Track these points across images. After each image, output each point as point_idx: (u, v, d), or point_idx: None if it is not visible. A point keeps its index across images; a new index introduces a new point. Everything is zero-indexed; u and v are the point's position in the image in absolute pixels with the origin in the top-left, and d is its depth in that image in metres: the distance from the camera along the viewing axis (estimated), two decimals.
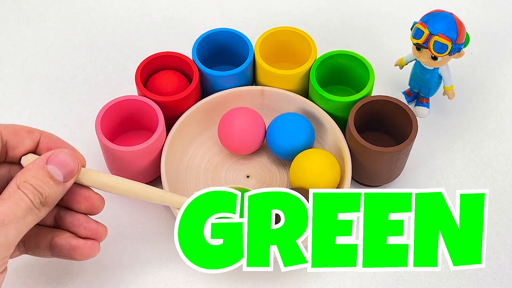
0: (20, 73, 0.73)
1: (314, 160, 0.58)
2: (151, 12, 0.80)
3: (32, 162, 0.45)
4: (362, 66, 0.63)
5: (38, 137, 0.47)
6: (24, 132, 0.46)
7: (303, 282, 0.58)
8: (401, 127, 0.60)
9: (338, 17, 0.79)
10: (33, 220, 0.43)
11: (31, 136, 0.46)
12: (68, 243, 0.47)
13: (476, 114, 0.70)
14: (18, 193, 0.42)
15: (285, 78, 0.63)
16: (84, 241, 0.48)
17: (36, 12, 0.79)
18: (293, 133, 0.60)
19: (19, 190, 0.43)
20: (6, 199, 0.42)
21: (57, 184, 0.44)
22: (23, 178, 0.43)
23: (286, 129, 0.60)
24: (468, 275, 0.58)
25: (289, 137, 0.60)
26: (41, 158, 0.45)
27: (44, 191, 0.44)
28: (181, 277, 0.58)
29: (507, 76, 0.73)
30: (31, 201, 0.43)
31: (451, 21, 0.59)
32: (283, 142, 0.60)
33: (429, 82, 0.66)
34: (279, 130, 0.61)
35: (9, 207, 0.42)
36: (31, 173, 0.44)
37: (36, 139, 0.47)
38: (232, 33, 0.66)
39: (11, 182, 0.44)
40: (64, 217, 0.48)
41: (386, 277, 0.58)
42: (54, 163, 0.44)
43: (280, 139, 0.60)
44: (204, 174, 0.63)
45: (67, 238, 0.47)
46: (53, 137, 0.48)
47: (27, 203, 0.42)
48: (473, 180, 0.65)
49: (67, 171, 0.45)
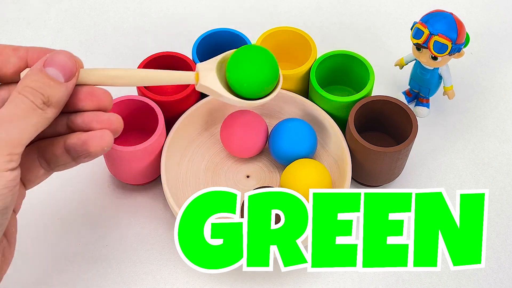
0: None
1: (303, 173, 0.58)
2: (151, 12, 0.80)
3: (30, 69, 0.44)
4: (362, 66, 0.63)
5: (24, 53, 0.46)
6: (9, 50, 0.45)
7: (303, 282, 0.58)
8: (401, 127, 0.60)
9: (338, 17, 0.79)
10: (38, 121, 0.43)
11: (16, 54, 0.46)
12: (79, 139, 0.46)
13: (476, 114, 0.70)
14: (19, 97, 0.42)
15: (285, 78, 0.63)
16: (94, 131, 0.46)
17: (36, 12, 0.79)
18: (296, 141, 0.60)
19: (19, 94, 0.42)
20: (7, 104, 0.42)
21: (59, 84, 0.44)
22: (23, 84, 0.43)
23: (289, 136, 0.60)
24: (468, 275, 0.58)
25: (292, 145, 0.60)
26: (38, 62, 0.44)
27: (45, 92, 0.43)
28: (181, 277, 0.58)
29: (507, 76, 0.73)
30: (32, 102, 0.42)
31: (451, 21, 0.59)
32: (285, 149, 0.60)
33: (429, 82, 0.66)
34: (283, 137, 0.60)
35: (9, 108, 0.42)
36: (30, 77, 0.43)
37: (23, 56, 0.46)
38: (232, 33, 0.66)
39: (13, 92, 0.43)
40: (75, 121, 0.47)
41: (386, 277, 0.58)
42: (52, 65, 0.44)
43: (283, 146, 0.60)
44: (204, 174, 0.63)
45: (77, 135, 0.46)
46: (43, 50, 0.47)
47: (27, 103, 0.42)
48: (473, 180, 0.65)
49: (66, 71, 0.44)
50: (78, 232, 0.61)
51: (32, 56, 0.46)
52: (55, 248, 0.60)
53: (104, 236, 0.60)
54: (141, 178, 0.61)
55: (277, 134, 0.61)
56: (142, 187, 0.64)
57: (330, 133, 0.62)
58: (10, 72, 0.45)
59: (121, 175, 0.61)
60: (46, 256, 0.59)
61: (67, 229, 0.61)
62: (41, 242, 0.60)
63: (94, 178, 0.64)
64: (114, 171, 0.61)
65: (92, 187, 0.64)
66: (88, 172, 0.65)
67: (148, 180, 0.62)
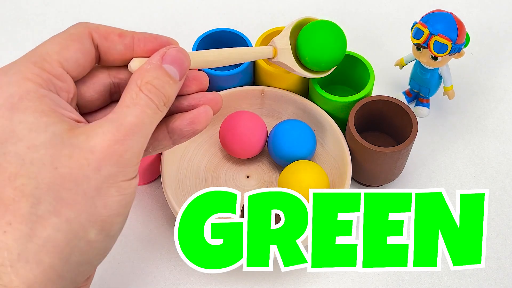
0: None
1: (300, 175, 0.58)
2: (151, 12, 0.80)
3: (148, 62, 0.42)
4: (362, 66, 0.63)
5: (130, 41, 0.43)
6: (115, 36, 0.43)
7: (303, 282, 0.58)
8: (401, 127, 0.60)
9: (338, 17, 0.79)
10: (157, 122, 0.42)
11: (122, 41, 0.43)
12: (183, 119, 0.45)
13: (476, 114, 0.70)
14: (142, 97, 0.40)
15: (285, 78, 0.63)
16: (197, 109, 0.45)
17: (36, 12, 0.79)
18: (296, 143, 0.60)
19: (142, 93, 0.40)
20: (130, 105, 0.40)
21: (175, 82, 0.42)
22: (144, 79, 0.41)
23: (289, 138, 0.60)
24: (468, 275, 0.58)
25: (292, 146, 0.60)
26: (155, 57, 0.42)
27: (166, 92, 0.41)
28: (181, 277, 0.58)
29: (507, 76, 0.73)
30: (156, 106, 0.41)
31: (451, 21, 0.59)
32: (285, 151, 0.60)
33: (429, 82, 0.66)
34: (282, 138, 0.60)
35: (137, 116, 0.39)
36: (151, 73, 0.41)
37: (129, 44, 0.43)
38: (232, 33, 0.66)
39: (129, 85, 0.41)
40: (181, 105, 0.46)
41: (386, 277, 0.58)
42: (169, 61, 0.42)
43: (283, 148, 0.60)
44: (204, 174, 0.63)
45: (179, 116, 0.45)
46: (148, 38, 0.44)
47: (153, 108, 0.40)
48: (473, 180, 0.65)
49: (182, 68, 0.43)
50: None
51: (139, 44, 0.43)
52: None
53: None
54: (141, 178, 0.61)
55: (276, 135, 0.61)
56: (142, 187, 0.64)
57: (330, 133, 0.62)
58: (113, 58, 0.43)
59: None
60: None
61: None
62: None
63: None
64: None
65: None
66: None
67: (148, 180, 0.62)
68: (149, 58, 0.43)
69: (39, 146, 0.36)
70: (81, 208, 0.37)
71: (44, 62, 0.39)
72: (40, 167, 0.36)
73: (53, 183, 0.36)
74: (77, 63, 0.41)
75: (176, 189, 0.60)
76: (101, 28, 0.42)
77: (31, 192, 0.36)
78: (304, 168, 0.58)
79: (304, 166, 0.58)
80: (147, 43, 0.44)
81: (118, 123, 0.39)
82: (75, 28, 0.42)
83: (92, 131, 0.38)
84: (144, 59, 0.43)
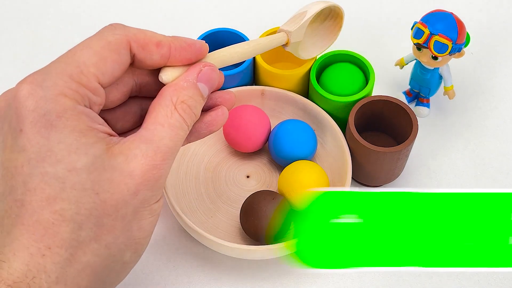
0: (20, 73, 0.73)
1: (301, 174, 0.58)
2: (151, 12, 0.80)
3: (184, 79, 0.42)
4: (363, 66, 0.63)
5: (167, 52, 0.42)
6: (153, 46, 0.42)
7: (303, 282, 0.58)
8: (401, 127, 0.60)
9: None
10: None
11: (159, 51, 0.42)
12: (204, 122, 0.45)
13: (476, 114, 0.70)
14: (177, 118, 0.40)
15: (285, 78, 0.63)
16: (214, 111, 0.45)
17: (36, 12, 0.79)
18: (297, 143, 0.60)
19: (177, 112, 0.40)
20: (165, 125, 0.40)
21: (204, 100, 0.43)
22: (180, 97, 0.41)
23: (290, 138, 0.60)
24: (468, 275, 0.58)
25: (293, 147, 0.60)
26: (192, 75, 0.42)
27: (197, 111, 0.42)
28: (181, 277, 0.58)
29: (507, 76, 0.73)
30: (188, 126, 0.41)
31: (451, 21, 0.59)
32: (286, 151, 0.60)
33: (429, 82, 0.66)
34: (283, 138, 0.60)
35: (172, 139, 0.39)
36: (187, 92, 0.41)
37: (165, 55, 0.42)
38: (232, 33, 0.66)
39: (164, 99, 0.40)
40: None
41: (386, 277, 0.58)
42: (204, 80, 0.42)
43: (284, 148, 0.60)
44: (204, 173, 0.63)
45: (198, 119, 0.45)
46: (184, 47, 0.43)
47: (185, 130, 0.41)
48: (473, 180, 0.64)
49: (212, 87, 0.43)
50: None
51: (174, 54, 0.43)
52: None
53: None
54: None
55: (278, 134, 0.61)
56: None
57: (330, 133, 0.62)
58: (147, 66, 0.43)
59: None
60: None
61: None
62: None
63: None
64: None
65: None
66: None
67: None
68: (186, 74, 0.42)
69: (80, 169, 0.36)
70: (119, 232, 0.38)
71: (81, 75, 0.38)
72: (81, 192, 0.36)
73: (94, 208, 0.36)
74: (113, 75, 0.40)
75: (176, 189, 0.60)
76: (140, 36, 0.41)
77: (71, 217, 0.36)
78: (304, 168, 0.58)
79: (304, 166, 0.58)
80: (183, 52, 0.43)
81: (155, 146, 0.39)
82: (113, 35, 0.40)
83: (130, 153, 0.38)
84: (174, 70, 0.43)
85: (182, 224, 0.56)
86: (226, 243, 0.53)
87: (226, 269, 0.58)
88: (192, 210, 0.60)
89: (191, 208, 0.60)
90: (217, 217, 0.60)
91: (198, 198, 0.61)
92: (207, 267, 0.59)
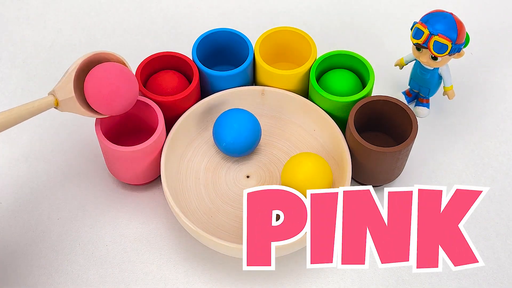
0: (20, 73, 0.73)
1: (306, 165, 0.58)
2: (151, 12, 0.80)
3: None
4: (362, 66, 0.63)
5: None
6: None
7: (303, 282, 0.58)
8: (401, 127, 0.60)
9: (338, 17, 0.79)
10: None
11: None
12: None
13: (476, 114, 0.70)
14: None
15: (285, 78, 0.63)
16: None
17: (36, 12, 0.79)
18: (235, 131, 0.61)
19: None
20: None
21: None
22: None
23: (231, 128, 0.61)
24: (468, 275, 0.58)
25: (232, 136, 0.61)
26: None
27: None
28: (181, 277, 0.58)
29: (507, 76, 0.73)
30: None
31: (451, 21, 0.59)
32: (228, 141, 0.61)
33: (429, 82, 0.66)
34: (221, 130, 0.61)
35: None
36: None
37: None
38: (232, 33, 0.66)
39: None
40: None
41: (386, 277, 0.58)
42: None
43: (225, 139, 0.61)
44: (204, 174, 0.63)
45: None
46: None
47: None
48: (473, 180, 0.65)
49: None
50: (78, 232, 0.61)
51: None
52: (55, 248, 0.60)
53: (104, 236, 0.60)
54: (141, 178, 0.61)
55: (217, 128, 0.62)
56: (142, 187, 0.64)
57: (330, 133, 0.62)
58: None
59: (121, 175, 0.61)
60: (46, 256, 0.59)
61: (67, 229, 0.61)
62: (41, 242, 0.60)
63: (94, 178, 0.64)
64: (114, 171, 0.61)
65: (92, 187, 0.64)
66: (88, 172, 0.65)
67: (148, 180, 0.62)
68: None
69: None
70: None
71: None
72: None
73: None
74: None
75: (176, 189, 0.60)
76: None
77: None
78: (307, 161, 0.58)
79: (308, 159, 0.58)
80: None
81: None
82: None
83: None
84: None
85: (182, 224, 0.56)
86: (226, 243, 0.53)
87: (226, 269, 0.58)
88: (192, 210, 0.60)
89: (191, 208, 0.60)
90: (217, 217, 0.60)
91: (198, 198, 0.61)
92: (207, 267, 0.59)
